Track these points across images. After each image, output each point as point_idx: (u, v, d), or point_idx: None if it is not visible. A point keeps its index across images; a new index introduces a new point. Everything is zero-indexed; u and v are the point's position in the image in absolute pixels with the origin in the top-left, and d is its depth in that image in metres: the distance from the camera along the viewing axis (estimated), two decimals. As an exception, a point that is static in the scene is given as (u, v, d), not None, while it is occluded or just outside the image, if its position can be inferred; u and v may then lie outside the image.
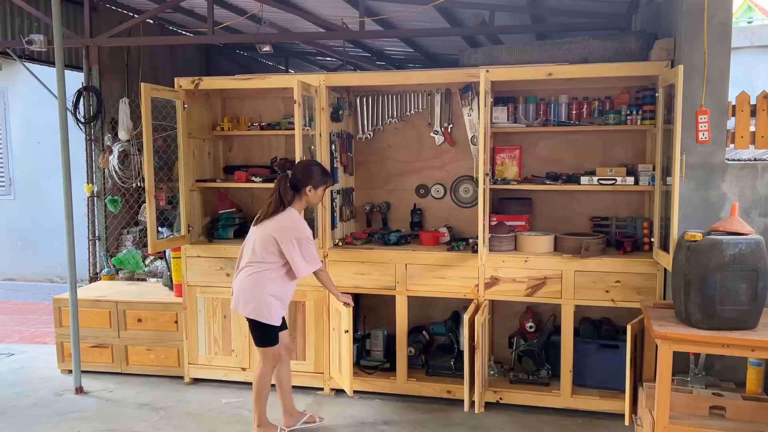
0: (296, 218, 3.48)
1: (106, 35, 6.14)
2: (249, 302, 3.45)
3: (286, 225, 3.43)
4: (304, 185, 3.49)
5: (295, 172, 3.53)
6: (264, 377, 3.56)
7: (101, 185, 6.29)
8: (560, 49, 4.19)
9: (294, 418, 3.74)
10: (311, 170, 3.54)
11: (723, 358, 3.57)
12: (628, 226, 4.16)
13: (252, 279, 3.45)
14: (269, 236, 3.42)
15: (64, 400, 4.24)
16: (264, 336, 3.51)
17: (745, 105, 3.67)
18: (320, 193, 3.56)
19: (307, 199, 3.53)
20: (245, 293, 3.46)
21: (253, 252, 3.47)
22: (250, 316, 3.46)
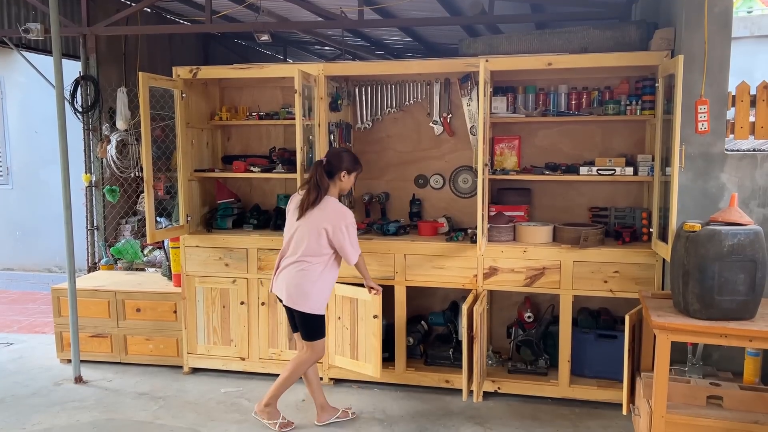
0: (339, 205, 3.52)
1: (103, 24, 6.10)
2: (299, 297, 3.46)
3: (334, 213, 3.46)
4: (338, 170, 3.53)
5: (329, 158, 3.56)
6: (302, 366, 3.58)
7: (99, 175, 6.27)
8: (560, 39, 4.17)
9: (327, 413, 3.71)
10: (343, 156, 3.59)
11: (721, 348, 3.58)
12: (626, 217, 4.16)
13: (298, 273, 3.46)
14: (318, 227, 3.44)
15: (63, 390, 4.25)
16: (316, 329, 3.54)
17: (744, 95, 3.66)
18: (352, 179, 3.62)
19: (340, 185, 3.57)
20: (293, 287, 3.47)
21: (303, 245, 3.46)
22: (302, 310, 3.47)
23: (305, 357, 3.57)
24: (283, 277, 3.53)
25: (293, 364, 3.59)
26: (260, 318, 4.34)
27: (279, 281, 3.57)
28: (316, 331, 3.55)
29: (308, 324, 3.53)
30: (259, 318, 4.34)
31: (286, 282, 3.50)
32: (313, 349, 3.56)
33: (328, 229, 3.43)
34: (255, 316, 4.34)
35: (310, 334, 3.54)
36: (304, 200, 3.49)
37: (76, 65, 6.30)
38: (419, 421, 3.73)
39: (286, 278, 3.52)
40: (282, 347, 4.32)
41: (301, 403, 4.01)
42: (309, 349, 3.57)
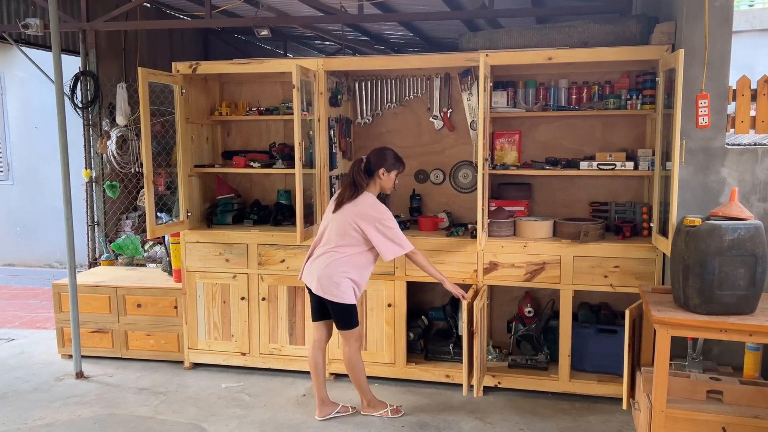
0: (374, 201, 3.55)
1: (102, 19, 6.09)
2: (330, 286, 3.50)
3: (367, 209, 3.49)
4: (377, 168, 3.56)
5: (369, 156, 3.61)
6: (354, 358, 3.62)
7: (99, 170, 6.28)
8: (560, 33, 4.16)
9: (327, 407, 3.73)
10: (385, 154, 3.61)
11: (721, 343, 3.58)
12: (627, 211, 4.16)
13: (330, 263, 3.51)
14: (350, 221, 3.49)
15: (65, 385, 4.26)
16: (347, 318, 3.57)
17: (745, 89, 3.65)
18: (393, 177, 3.63)
19: (380, 183, 3.60)
20: (325, 278, 3.51)
21: (335, 236, 3.53)
22: (333, 299, 3.51)
23: (348, 351, 3.62)
24: (315, 267, 3.57)
25: (346, 363, 3.66)
26: (261, 313, 4.34)
27: (310, 270, 3.61)
28: (348, 321, 3.57)
29: (340, 313, 3.56)
30: (259, 313, 4.35)
31: (317, 272, 3.55)
32: (347, 339, 3.60)
33: (360, 225, 3.47)
34: (255, 311, 4.35)
35: (343, 324, 3.58)
36: (340, 195, 3.58)
37: (76, 61, 6.30)
38: (419, 416, 3.73)
39: (317, 268, 3.56)
40: (282, 342, 4.33)
41: (302, 397, 4.02)
42: (346, 339, 3.60)
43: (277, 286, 4.30)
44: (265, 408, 3.89)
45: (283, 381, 4.27)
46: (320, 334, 3.72)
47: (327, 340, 3.76)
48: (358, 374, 3.67)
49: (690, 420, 2.99)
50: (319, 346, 3.73)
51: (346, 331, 3.59)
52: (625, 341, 3.41)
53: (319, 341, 3.73)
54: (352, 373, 3.67)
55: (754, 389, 3.12)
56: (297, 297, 4.28)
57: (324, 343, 3.75)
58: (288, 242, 4.22)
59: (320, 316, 3.69)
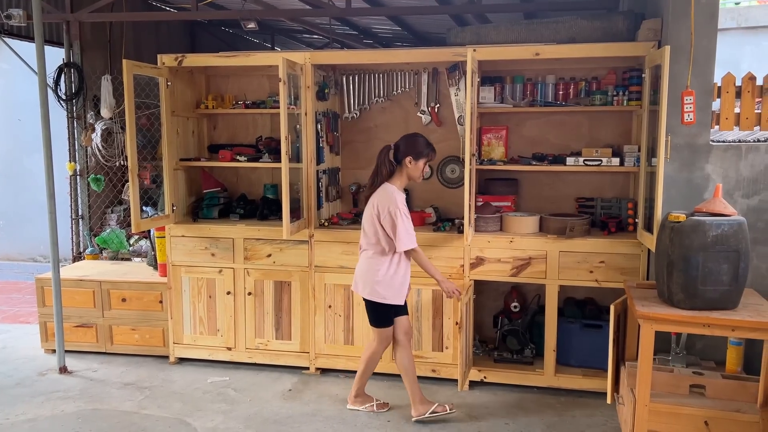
0: (390, 191, 3.45)
1: (87, 10, 6.02)
2: (366, 284, 3.50)
3: (381, 200, 3.43)
4: (404, 156, 3.47)
5: (398, 143, 3.51)
6: (375, 356, 3.64)
7: (84, 163, 6.21)
8: (548, 29, 4.16)
9: (424, 406, 3.61)
10: (414, 141, 3.51)
11: (704, 338, 3.62)
12: (612, 207, 4.18)
13: (367, 261, 3.50)
14: (371, 215, 3.46)
15: (48, 380, 4.22)
16: (378, 316, 3.55)
17: (730, 86, 3.67)
18: (421, 165, 3.51)
19: (407, 172, 3.50)
20: (362, 275, 3.53)
21: (364, 234, 3.52)
22: (368, 297, 3.51)
23: (374, 347, 3.62)
24: (357, 266, 3.60)
25: (365, 354, 3.66)
26: (246, 308, 4.33)
27: (356, 270, 3.62)
28: (380, 319, 3.56)
29: (373, 311, 3.56)
30: (245, 308, 4.33)
31: (357, 270, 3.58)
32: (379, 336, 3.58)
33: (376, 215, 3.43)
34: (241, 306, 4.33)
35: (373, 321, 3.58)
36: (366, 188, 3.55)
37: (60, 52, 6.22)
38: (405, 411, 3.74)
39: (358, 267, 3.59)
40: (269, 337, 4.32)
41: (288, 392, 4.01)
42: (376, 336, 3.60)
43: (264, 280, 4.28)
44: (251, 403, 3.88)
45: (270, 376, 4.26)
46: (397, 330, 3.61)
47: (404, 335, 3.61)
48: (367, 370, 3.70)
49: (673, 414, 3.02)
50: (401, 342, 3.61)
51: (378, 329, 3.58)
52: (609, 336, 3.43)
53: (398, 336, 3.60)
54: (365, 367, 3.68)
55: (736, 384, 3.15)
56: (283, 292, 4.26)
57: (407, 338, 3.62)
58: (274, 237, 4.21)
59: None
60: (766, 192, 3.60)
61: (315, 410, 3.77)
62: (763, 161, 3.59)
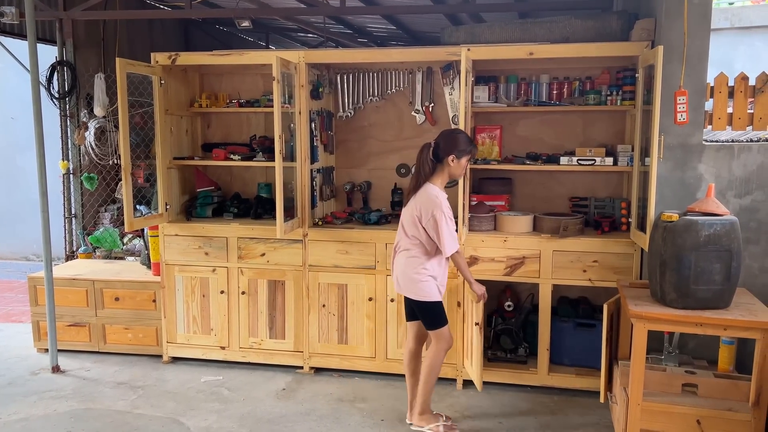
0: (434, 193, 3.30)
1: (80, 8, 5.99)
2: (410, 285, 3.35)
3: (424, 202, 3.29)
4: (446, 154, 3.31)
5: (439, 140, 3.35)
6: (437, 359, 3.39)
7: (77, 162, 6.19)
8: (542, 29, 4.17)
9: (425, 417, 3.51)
10: (456, 138, 3.34)
11: (696, 337, 3.63)
12: (606, 207, 4.19)
13: (408, 260, 3.35)
14: (413, 215, 3.32)
15: (40, 379, 4.20)
16: (434, 316, 3.37)
17: (723, 86, 3.69)
18: (463, 163, 3.37)
19: (449, 171, 3.35)
20: (403, 275, 3.37)
21: (405, 233, 3.37)
22: (417, 298, 3.34)
23: (435, 349, 3.39)
24: (396, 265, 3.44)
25: (428, 360, 3.40)
26: (240, 307, 4.32)
27: (394, 269, 3.48)
28: (436, 319, 3.37)
29: (427, 312, 3.38)
30: (239, 307, 4.32)
31: (396, 270, 3.43)
32: (438, 337, 3.38)
33: (419, 217, 3.29)
34: (235, 305, 4.32)
35: (432, 322, 3.38)
36: (408, 187, 3.39)
37: (53, 50, 6.19)
38: (399, 410, 3.74)
39: (397, 266, 3.44)
40: (263, 336, 4.31)
41: (281, 391, 4.01)
42: (435, 339, 3.39)
43: (257, 279, 4.28)
44: (245, 402, 3.87)
45: (263, 375, 4.26)
46: (413, 335, 3.53)
47: (421, 342, 3.56)
48: (432, 380, 3.41)
49: (665, 413, 3.03)
50: (412, 350, 3.54)
51: (435, 330, 3.37)
52: (603, 335, 3.44)
53: (412, 342, 3.54)
54: (428, 375, 3.40)
55: (728, 382, 3.16)
56: (277, 291, 4.26)
57: (418, 346, 3.55)
58: (268, 236, 4.20)
59: (411, 316, 3.52)
60: (759, 192, 3.62)
61: (309, 409, 3.77)
62: (755, 161, 3.61)
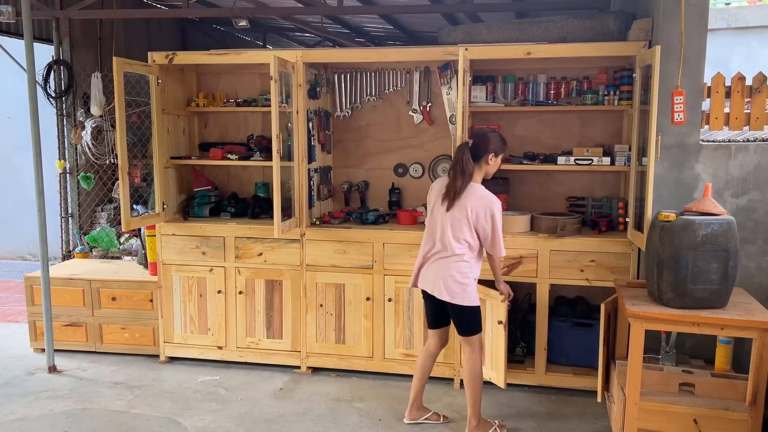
0: (486, 193, 3.26)
1: (77, 7, 5.98)
2: (456, 288, 3.24)
3: (478, 203, 3.22)
4: (485, 153, 3.29)
5: (475, 140, 3.33)
6: (478, 368, 3.31)
7: (74, 161, 6.17)
8: (539, 28, 4.17)
9: (420, 412, 3.57)
10: (491, 137, 3.34)
11: (693, 336, 3.64)
12: (603, 206, 4.20)
13: (454, 265, 3.25)
14: (464, 217, 3.22)
15: (37, 379, 4.19)
16: (471, 321, 3.31)
17: (720, 86, 3.70)
18: (499, 161, 3.37)
19: (486, 169, 3.35)
20: (450, 280, 3.25)
21: (453, 236, 3.24)
22: (461, 303, 3.25)
23: (472, 359, 3.31)
24: (436, 270, 3.29)
25: (467, 374, 3.33)
26: (237, 307, 4.31)
27: (427, 275, 3.34)
28: (474, 325, 3.32)
29: (467, 317, 3.29)
30: (236, 307, 4.31)
31: (441, 276, 3.26)
32: (470, 344, 3.32)
33: (472, 218, 3.22)
34: (232, 304, 4.32)
35: (469, 328, 3.31)
36: (450, 188, 3.27)
37: (49, 49, 6.18)
38: (396, 410, 3.74)
39: (439, 271, 3.28)
40: (260, 336, 4.31)
41: (279, 391, 4.00)
42: (468, 346, 3.32)
43: (255, 279, 4.27)
44: (242, 402, 3.87)
45: (261, 375, 4.25)
46: (438, 341, 3.49)
47: (442, 347, 3.54)
48: (478, 389, 3.34)
49: (663, 412, 3.03)
50: (433, 353, 3.51)
51: (470, 336, 3.31)
52: (600, 335, 3.44)
53: (435, 347, 3.51)
54: (473, 386, 3.33)
55: (725, 382, 3.17)
56: (274, 290, 4.25)
57: (439, 350, 3.53)
58: (266, 235, 4.20)
59: (438, 324, 3.46)
60: (756, 191, 3.63)
61: (306, 409, 3.76)
62: (752, 161, 3.62)
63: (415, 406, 3.58)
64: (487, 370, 3.71)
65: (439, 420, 3.58)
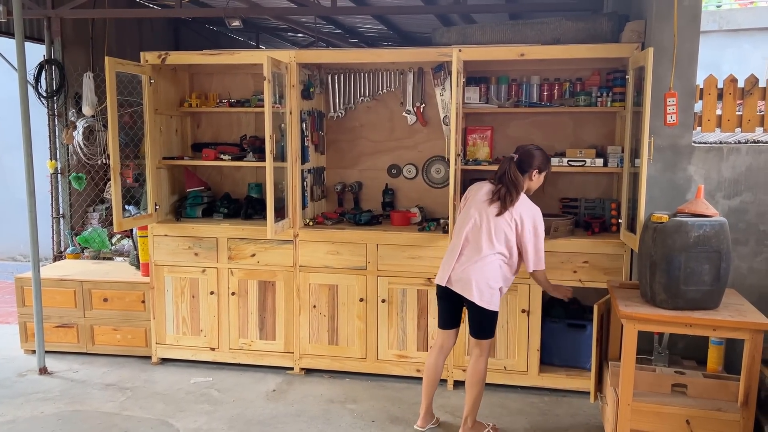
0: (531, 203, 3.34)
1: (68, 6, 5.95)
2: (486, 292, 3.26)
3: (526, 211, 3.29)
4: (530, 168, 3.34)
5: (521, 156, 3.36)
6: (483, 371, 3.35)
7: (65, 161, 6.13)
8: (533, 30, 4.17)
9: (427, 418, 3.53)
10: (536, 153, 3.37)
11: (686, 337, 3.65)
12: (596, 208, 4.21)
13: (492, 268, 3.27)
14: (508, 223, 3.26)
15: (28, 381, 4.16)
16: (490, 325, 3.34)
17: (712, 88, 3.71)
18: (542, 178, 3.43)
19: (529, 184, 3.39)
20: (483, 283, 3.25)
21: (486, 240, 3.26)
22: (487, 306, 3.26)
23: (482, 363, 3.35)
24: (470, 271, 3.27)
25: (472, 376, 3.36)
26: (230, 308, 4.30)
27: (460, 274, 3.30)
28: (491, 329, 3.35)
29: (485, 321, 3.32)
30: (229, 308, 4.30)
31: (473, 276, 3.26)
32: (481, 348, 3.35)
33: (519, 227, 3.26)
34: (225, 306, 4.30)
35: (485, 332, 3.34)
36: (501, 197, 3.28)
37: (41, 48, 6.13)
38: (390, 411, 3.74)
39: (473, 272, 3.27)
40: (252, 337, 4.29)
41: (272, 393, 3.99)
42: (478, 349, 3.35)
43: (248, 280, 4.26)
44: (235, 403, 3.85)
45: (253, 376, 4.24)
46: (449, 341, 3.48)
47: (451, 348, 3.54)
48: (480, 391, 3.38)
49: (655, 413, 3.04)
50: (444, 353, 3.49)
51: (485, 340, 3.34)
52: (593, 336, 3.45)
53: (446, 348, 3.50)
54: (476, 389, 3.36)
55: (717, 383, 3.18)
56: (267, 291, 4.24)
57: (449, 351, 3.52)
58: (259, 236, 4.18)
59: (452, 324, 3.46)
60: (747, 193, 3.64)
61: (299, 410, 3.75)
62: (744, 163, 3.63)
63: (429, 412, 3.53)
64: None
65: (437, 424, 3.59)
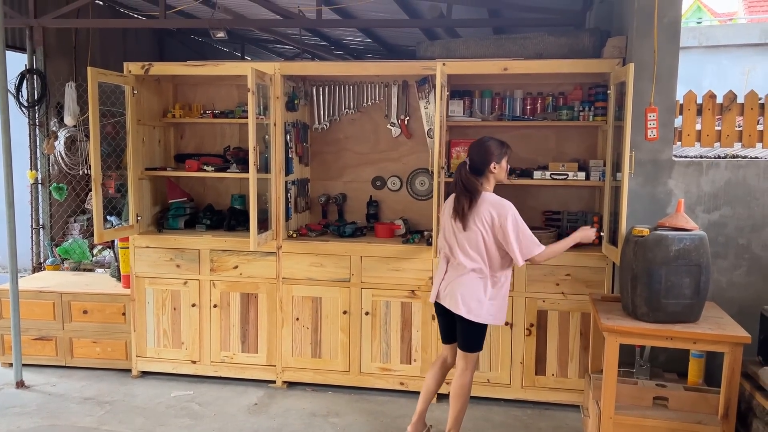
0: (497, 198, 3.20)
1: (51, 16, 5.91)
2: (471, 302, 3.18)
3: (493, 209, 3.16)
4: (487, 164, 3.22)
5: (471, 156, 3.24)
6: (468, 384, 3.29)
7: (46, 172, 6.07)
8: (516, 44, 4.22)
9: (419, 425, 3.48)
10: (487, 146, 3.23)
11: (667, 350, 3.67)
12: (578, 221, 4.23)
13: (472, 282, 3.19)
14: (479, 230, 3.16)
15: (4, 395, 4.08)
16: (478, 339, 3.27)
17: (691, 104, 3.76)
18: (504, 165, 3.28)
19: (494, 177, 3.27)
20: (467, 295, 3.19)
21: (464, 257, 3.20)
22: (475, 319, 3.18)
23: (467, 377, 3.29)
24: (454, 287, 3.23)
25: (457, 389, 3.29)
26: (212, 320, 4.26)
27: (448, 290, 3.26)
28: (478, 342, 3.27)
29: (472, 332, 3.24)
30: (211, 320, 4.26)
31: (457, 290, 3.21)
32: (467, 361, 3.28)
33: (488, 228, 3.15)
34: (207, 318, 4.26)
35: (472, 345, 3.26)
36: (456, 209, 3.21)
37: (23, 58, 6.08)
38: (372, 424, 3.71)
39: (457, 287, 3.22)
40: (234, 350, 4.25)
41: (253, 406, 3.95)
42: (465, 362, 3.28)
43: (230, 292, 4.22)
44: (216, 417, 3.81)
45: (235, 390, 4.20)
46: (452, 355, 3.42)
47: (453, 362, 3.45)
48: (464, 405, 3.31)
49: (637, 426, 3.05)
50: (446, 366, 3.46)
51: (470, 353, 3.27)
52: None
53: (449, 362, 3.46)
54: (460, 402, 3.30)
55: (697, 395, 3.21)
56: (250, 304, 4.21)
57: (453, 364, 3.44)
58: (241, 248, 4.15)
59: (452, 339, 3.39)
60: (726, 207, 3.69)
61: (281, 424, 3.72)
62: (723, 177, 3.68)
63: (421, 419, 3.50)
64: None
65: None
